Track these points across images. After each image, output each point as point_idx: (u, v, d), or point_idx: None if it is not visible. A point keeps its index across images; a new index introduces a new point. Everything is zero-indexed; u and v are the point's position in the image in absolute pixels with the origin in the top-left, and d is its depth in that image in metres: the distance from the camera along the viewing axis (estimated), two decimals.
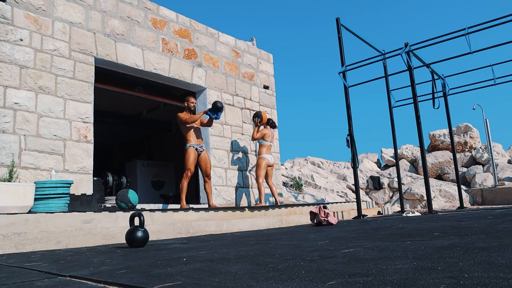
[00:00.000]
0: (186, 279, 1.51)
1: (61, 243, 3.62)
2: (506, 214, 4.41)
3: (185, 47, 7.29)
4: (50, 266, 2.21)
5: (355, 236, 3.03)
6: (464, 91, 8.74)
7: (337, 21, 6.96)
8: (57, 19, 5.53)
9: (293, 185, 11.84)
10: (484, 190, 10.59)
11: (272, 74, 9.36)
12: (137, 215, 3.28)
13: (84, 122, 5.60)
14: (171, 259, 2.24)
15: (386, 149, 14.76)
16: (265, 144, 7.19)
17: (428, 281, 1.17)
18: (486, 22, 5.98)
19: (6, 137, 4.81)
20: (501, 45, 6.17)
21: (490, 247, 1.81)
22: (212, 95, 7.70)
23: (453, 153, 8.76)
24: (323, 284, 1.25)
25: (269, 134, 7.23)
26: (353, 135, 6.57)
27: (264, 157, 7.11)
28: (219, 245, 2.98)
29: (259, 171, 7.08)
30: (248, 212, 5.79)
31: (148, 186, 9.34)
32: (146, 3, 6.76)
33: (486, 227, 2.87)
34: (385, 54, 7.46)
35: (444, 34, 6.38)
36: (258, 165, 7.12)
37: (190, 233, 4.61)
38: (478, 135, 13.52)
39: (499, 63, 7.95)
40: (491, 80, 8.26)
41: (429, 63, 7.59)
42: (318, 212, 4.89)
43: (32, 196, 4.19)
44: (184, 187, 6.15)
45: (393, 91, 8.44)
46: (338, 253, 2.02)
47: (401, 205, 8.20)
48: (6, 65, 4.94)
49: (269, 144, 7.25)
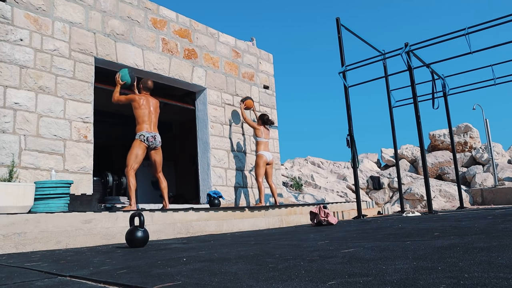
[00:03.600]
0: (186, 279, 1.51)
1: (61, 243, 3.62)
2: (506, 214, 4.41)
3: (185, 47, 7.29)
4: (50, 266, 2.21)
5: (355, 236, 3.03)
6: (464, 91, 8.75)
7: (337, 21, 6.96)
8: (57, 19, 5.53)
9: (293, 185, 11.84)
10: (484, 190, 10.59)
11: (272, 74, 9.36)
12: (137, 215, 3.28)
13: (84, 122, 5.60)
14: (171, 259, 2.24)
15: (386, 149, 14.77)
16: (261, 141, 7.19)
17: (428, 281, 1.17)
18: (486, 22, 5.99)
19: (6, 137, 4.81)
20: (501, 45, 6.17)
21: (490, 247, 1.81)
22: (212, 95, 7.70)
23: (453, 153, 8.76)
24: (323, 284, 1.25)
25: (261, 131, 7.22)
26: (353, 135, 6.57)
27: (262, 154, 7.11)
28: (219, 245, 2.98)
29: (258, 170, 7.08)
30: (248, 212, 5.79)
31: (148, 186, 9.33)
32: (146, 3, 6.76)
33: (486, 227, 2.87)
34: (385, 54, 7.46)
35: (444, 34, 6.39)
36: (257, 164, 7.12)
37: (190, 233, 4.61)
38: (478, 135, 13.53)
39: (499, 63, 7.95)
40: (491, 80, 8.26)
41: (429, 63, 7.59)
42: (318, 212, 4.89)
43: (32, 196, 4.19)
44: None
45: (393, 91, 8.44)
46: (338, 253, 2.02)
47: (401, 205, 8.20)
48: (6, 65, 4.94)
49: (265, 140, 7.24)
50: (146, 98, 5.58)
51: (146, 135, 5.42)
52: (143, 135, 5.40)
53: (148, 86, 5.67)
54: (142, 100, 5.51)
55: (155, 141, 5.49)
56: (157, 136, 5.56)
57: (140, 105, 5.48)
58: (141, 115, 5.46)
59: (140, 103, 5.48)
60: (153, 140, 5.47)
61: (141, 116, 5.46)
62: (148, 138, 5.42)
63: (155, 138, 5.50)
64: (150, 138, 5.44)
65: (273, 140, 8.92)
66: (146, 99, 5.57)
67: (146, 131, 5.44)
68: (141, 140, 5.39)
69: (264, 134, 7.25)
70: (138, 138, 5.40)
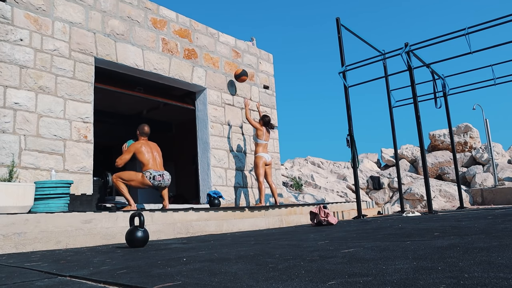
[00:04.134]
0: (186, 279, 1.51)
1: (61, 243, 3.62)
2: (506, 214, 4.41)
3: (185, 47, 7.29)
4: (50, 266, 2.21)
5: (355, 236, 3.03)
6: (464, 91, 8.75)
7: (337, 21, 6.96)
8: (57, 19, 5.53)
9: (293, 185, 11.84)
10: (484, 190, 10.59)
11: (272, 74, 9.36)
12: (137, 215, 3.28)
13: (84, 122, 5.60)
14: (171, 259, 2.24)
15: (386, 149, 14.77)
16: (260, 143, 7.20)
17: (428, 281, 1.17)
18: (486, 22, 5.98)
19: (6, 137, 4.81)
20: (501, 45, 6.17)
21: (490, 247, 1.81)
22: (212, 95, 7.70)
23: (453, 153, 8.76)
24: (323, 284, 1.25)
25: (263, 132, 7.22)
26: (353, 135, 6.57)
27: (261, 155, 7.12)
28: (219, 245, 2.98)
29: (257, 170, 7.09)
30: (248, 212, 5.79)
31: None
32: (146, 3, 6.76)
33: (486, 227, 2.87)
34: (385, 54, 7.46)
35: (444, 34, 6.38)
36: (256, 164, 7.13)
37: (190, 233, 4.61)
38: (478, 135, 13.53)
39: (499, 63, 7.95)
40: (491, 80, 8.26)
41: (429, 63, 7.59)
42: (318, 212, 4.88)
43: (32, 196, 4.20)
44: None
45: (393, 91, 8.44)
46: (338, 253, 2.02)
47: (401, 205, 8.20)
48: (6, 65, 4.94)
49: (265, 143, 7.25)
50: (146, 143, 5.62)
51: (153, 174, 5.41)
52: (150, 172, 5.40)
53: (145, 132, 5.70)
54: (143, 147, 5.55)
55: (163, 180, 5.49)
56: (166, 174, 5.56)
57: (142, 151, 5.50)
58: (145, 160, 5.49)
59: (141, 150, 5.51)
60: (161, 179, 5.47)
61: (146, 160, 5.49)
62: (155, 176, 5.41)
63: (163, 177, 5.50)
64: (158, 177, 5.44)
65: (273, 140, 8.92)
66: (147, 144, 5.61)
67: (153, 170, 5.45)
68: (146, 177, 5.38)
69: (265, 136, 7.26)
70: (144, 173, 5.39)
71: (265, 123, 7.35)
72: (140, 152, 5.49)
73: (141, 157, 5.49)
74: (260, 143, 7.19)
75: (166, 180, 5.53)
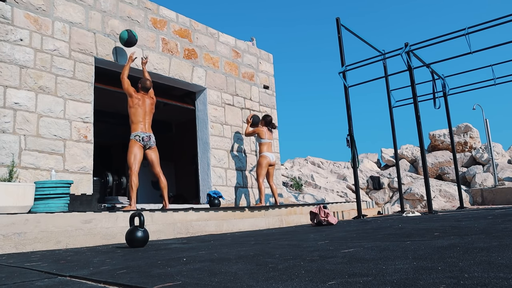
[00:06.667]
0: (186, 279, 1.51)
1: (61, 243, 3.62)
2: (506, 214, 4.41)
3: (185, 47, 7.29)
4: (50, 266, 2.21)
5: (355, 236, 3.03)
6: (464, 91, 8.75)
7: (337, 21, 6.96)
8: (57, 19, 5.53)
9: (293, 185, 11.84)
10: (484, 190, 10.59)
11: (272, 74, 9.36)
12: (137, 215, 3.28)
13: (84, 122, 5.60)
14: (171, 259, 2.24)
15: (386, 149, 14.76)
16: (264, 142, 7.19)
17: (428, 281, 1.17)
18: (486, 22, 5.98)
19: (6, 137, 4.81)
20: (501, 45, 6.17)
21: (490, 247, 1.81)
22: (212, 95, 7.70)
23: (453, 153, 8.76)
24: (323, 284, 1.25)
25: (264, 132, 7.22)
26: (353, 135, 6.57)
27: (266, 155, 7.11)
28: (219, 245, 2.98)
29: (259, 170, 7.08)
30: (248, 212, 5.79)
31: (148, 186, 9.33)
32: (146, 3, 6.76)
33: (486, 227, 2.87)
34: (385, 54, 7.46)
35: (444, 34, 6.38)
36: (259, 164, 7.12)
37: (190, 233, 4.61)
38: (478, 135, 13.52)
39: (499, 63, 7.95)
40: (491, 80, 8.26)
41: (429, 63, 7.59)
42: (318, 212, 4.88)
43: (32, 196, 4.19)
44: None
45: (393, 91, 8.44)
46: (338, 253, 2.02)
47: (401, 205, 8.20)
48: (6, 65, 4.94)
49: (269, 141, 7.24)
50: (142, 98, 5.64)
51: (141, 135, 5.48)
52: (138, 135, 5.47)
53: (146, 86, 5.72)
54: (138, 99, 5.57)
55: (150, 141, 5.56)
56: (152, 136, 5.63)
57: (134, 104, 5.54)
58: (135, 115, 5.53)
59: (134, 102, 5.54)
60: (148, 140, 5.53)
61: (136, 115, 5.53)
62: (144, 138, 5.48)
63: (150, 139, 5.57)
64: (145, 138, 5.51)
65: (273, 140, 8.92)
66: (142, 99, 5.63)
67: (141, 131, 5.50)
68: (136, 140, 5.45)
69: (268, 135, 7.26)
70: (133, 138, 5.46)
71: (267, 123, 7.36)
72: (133, 105, 5.56)
73: (132, 111, 5.56)
74: (264, 142, 7.19)
75: (151, 142, 5.60)
